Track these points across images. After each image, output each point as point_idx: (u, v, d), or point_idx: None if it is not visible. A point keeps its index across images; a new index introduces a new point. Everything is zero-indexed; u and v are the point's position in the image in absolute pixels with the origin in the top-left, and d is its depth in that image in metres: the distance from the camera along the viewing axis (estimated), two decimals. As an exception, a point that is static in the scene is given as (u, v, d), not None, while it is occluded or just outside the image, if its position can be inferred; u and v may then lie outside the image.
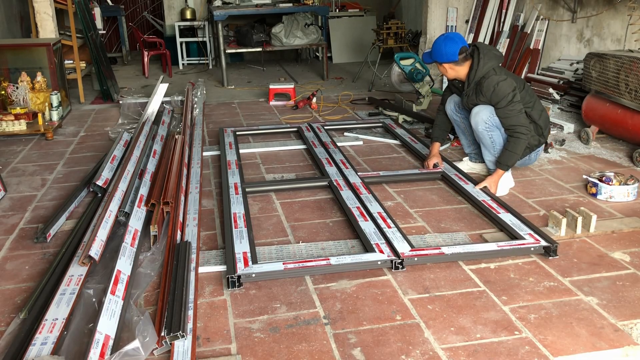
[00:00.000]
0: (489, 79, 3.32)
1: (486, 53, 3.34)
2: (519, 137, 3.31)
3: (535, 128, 3.51)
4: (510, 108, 3.30)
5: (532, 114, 3.46)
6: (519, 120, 3.31)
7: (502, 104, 3.31)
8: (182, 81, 7.32)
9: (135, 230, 2.75)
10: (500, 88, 3.29)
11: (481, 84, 3.35)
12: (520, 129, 3.30)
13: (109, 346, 1.95)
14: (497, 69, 3.36)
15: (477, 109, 3.42)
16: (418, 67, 5.31)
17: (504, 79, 3.31)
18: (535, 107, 3.49)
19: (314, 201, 3.34)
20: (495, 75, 3.32)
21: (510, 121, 3.32)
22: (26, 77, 5.11)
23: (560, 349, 1.98)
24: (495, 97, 3.32)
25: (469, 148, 3.81)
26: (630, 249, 2.68)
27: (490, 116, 3.37)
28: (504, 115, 3.33)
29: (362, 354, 1.97)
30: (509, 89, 3.30)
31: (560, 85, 5.51)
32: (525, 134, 3.31)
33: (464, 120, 3.67)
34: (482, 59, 3.33)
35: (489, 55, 3.35)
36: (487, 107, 3.40)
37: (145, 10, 10.36)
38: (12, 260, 2.70)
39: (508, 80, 3.32)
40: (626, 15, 4.92)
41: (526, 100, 3.44)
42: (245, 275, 2.43)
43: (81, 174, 3.85)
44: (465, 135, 3.76)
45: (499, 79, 3.30)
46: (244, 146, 4.40)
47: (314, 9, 7.35)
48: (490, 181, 3.36)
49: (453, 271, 2.51)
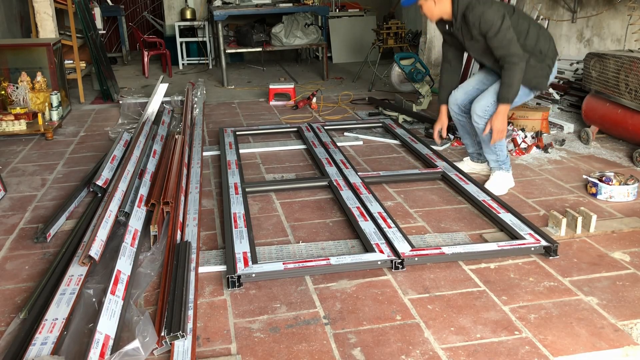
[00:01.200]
0: (473, 10, 3.19)
1: None
2: (511, 66, 3.17)
3: (537, 57, 3.34)
4: (500, 37, 3.16)
5: (526, 43, 3.31)
6: (510, 50, 3.17)
7: (491, 33, 3.17)
8: (182, 81, 7.33)
9: (135, 230, 2.75)
10: (485, 17, 3.15)
11: (466, 16, 3.22)
12: (511, 58, 3.17)
13: (109, 346, 1.95)
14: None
15: (474, 103, 3.40)
16: (418, 67, 5.31)
17: (490, 6, 3.18)
18: (529, 34, 3.33)
19: (314, 201, 3.34)
20: (478, 4, 3.19)
21: (501, 51, 3.20)
22: (26, 77, 5.11)
23: (560, 349, 1.98)
24: (485, 26, 3.18)
25: (472, 148, 3.79)
26: (630, 249, 2.68)
27: (487, 107, 3.32)
28: (497, 46, 3.20)
29: (362, 354, 1.98)
30: (495, 16, 3.15)
31: (560, 85, 5.51)
32: (517, 62, 3.17)
33: (469, 121, 3.63)
34: None
35: None
36: (484, 97, 3.35)
37: (145, 10, 10.36)
38: (12, 260, 2.70)
39: (494, 7, 3.19)
40: (626, 15, 4.92)
41: (519, 26, 3.30)
42: (245, 275, 2.43)
43: (81, 174, 3.85)
44: (469, 136, 3.73)
45: (483, 8, 3.17)
46: (244, 146, 4.40)
47: (314, 9, 7.35)
48: (494, 119, 3.25)
49: (453, 271, 2.51)
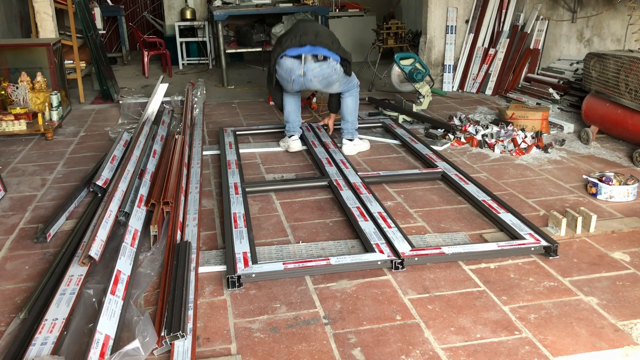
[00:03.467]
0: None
1: None
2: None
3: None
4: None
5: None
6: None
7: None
8: (182, 81, 7.33)
9: (135, 230, 2.75)
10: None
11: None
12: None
13: (109, 346, 1.95)
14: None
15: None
16: (418, 67, 5.31)
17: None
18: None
19: (314, 201, 3.34)
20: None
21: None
22: (26, 77, 5.11)
23: (560, 349, 1.98)
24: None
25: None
26: (630, 249, 2.68)
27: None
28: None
29: (362, 354, 1.98)
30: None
31: (560, 85, 5.52)
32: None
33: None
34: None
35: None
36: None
37: (145, 10, 10.36)
38: (12, 260, 2.70)
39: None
40: (626, 15, 4.92)
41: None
42: (245, 275, 2.43)
43: (81, 174, 3.85)
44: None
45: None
46: (244, 146, 4.40)
47: (314, 9, 7.35)
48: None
49: (453, 271, 2.51)
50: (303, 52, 3.94)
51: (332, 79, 4.03)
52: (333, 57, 3.96)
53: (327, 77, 4.00)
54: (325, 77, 3.99)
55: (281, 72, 4.04)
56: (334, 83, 4.08)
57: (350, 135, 4.26)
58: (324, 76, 3.99)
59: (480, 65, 6.32)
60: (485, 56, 6.31)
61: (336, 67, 3.98)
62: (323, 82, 4.04)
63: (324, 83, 4.05)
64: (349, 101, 4.25)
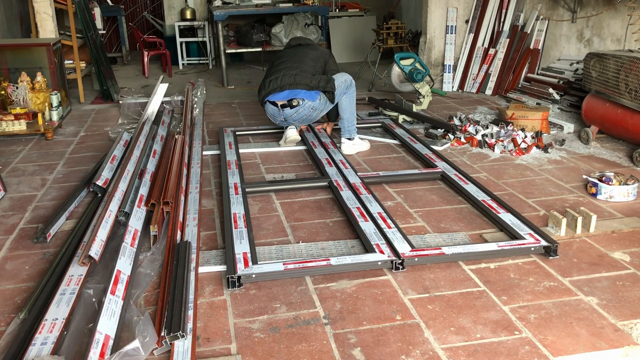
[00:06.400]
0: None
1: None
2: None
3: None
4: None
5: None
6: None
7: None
8: (182, 81, 7.32)
9: (135, 230, 2.75)
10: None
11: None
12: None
13: (109, 346, 1.95)
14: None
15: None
16: (418, 67, 5.31)
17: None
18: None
19: (314, 201, 3.34)
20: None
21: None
22: (26, 77, 5.11)
23: (560, 349, 1.98)
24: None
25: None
26: (630, 249, 2.69)
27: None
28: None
29: (362, 354, 1.98)
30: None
31: (560, 85, 5.52)
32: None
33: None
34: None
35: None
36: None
37: (145, 10, 10.35)
38: (12, 260, 2.70)
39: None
40: (626, 15, 4.92)
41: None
42: (246, 276, 2.43)
43: (81, 174, 3.85)
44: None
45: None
46: (244, 146, 4.40)
47: (314, 9, 7.35)
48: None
49: (453, 271, 2.51)
50: (281, 98, 4.11)
51: (314, 115, 4.21)
52: (308, 99, 4.08)
53: (307, 116, 4.18)
54: (306, 117, 4.19)
55: (267, 113, 4.30)
56: (318, 115, 4.25)
57: (349, 134, 4.27)
58: (303, 118, 4.20)
59: (480, 65, 6.32)
60: (485, 56, 6.31)
61: (313, 104, 4.11)
62: (307, 120, 4.25)
63: (308, 120, 4.25)
64: (344, 100, 4.29)
